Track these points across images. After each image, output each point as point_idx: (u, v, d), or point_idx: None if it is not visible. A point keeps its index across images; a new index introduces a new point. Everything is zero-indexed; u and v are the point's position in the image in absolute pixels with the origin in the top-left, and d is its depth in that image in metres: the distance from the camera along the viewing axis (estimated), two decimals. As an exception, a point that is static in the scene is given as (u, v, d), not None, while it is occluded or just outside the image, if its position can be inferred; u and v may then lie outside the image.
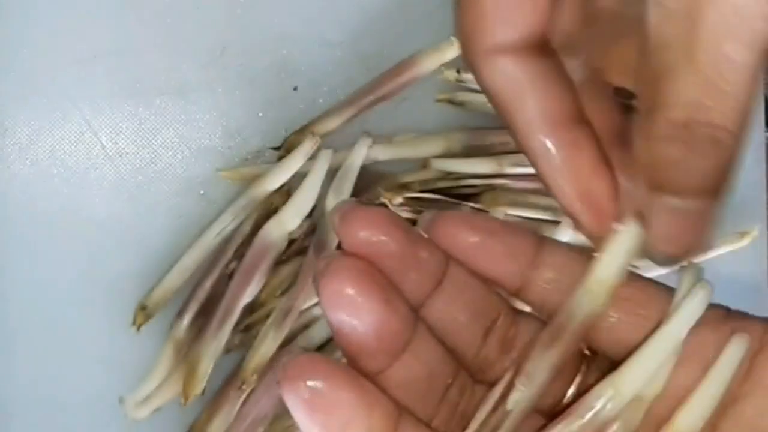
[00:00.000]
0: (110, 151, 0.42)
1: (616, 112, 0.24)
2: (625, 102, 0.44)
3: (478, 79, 0.24)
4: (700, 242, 0.22)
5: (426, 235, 0.24)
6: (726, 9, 0.19)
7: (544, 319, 0.24)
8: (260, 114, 0.43)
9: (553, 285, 0.24)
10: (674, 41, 0.20)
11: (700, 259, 0.43)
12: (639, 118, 0.21)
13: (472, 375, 0.24)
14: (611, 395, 0.22)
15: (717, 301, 0.46)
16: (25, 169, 0.41)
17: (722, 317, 0.24)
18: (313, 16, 0.43)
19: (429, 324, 0.24)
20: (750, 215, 0.47)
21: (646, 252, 0.23)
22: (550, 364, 0.23)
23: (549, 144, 0.24)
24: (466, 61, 0.24)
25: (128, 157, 0.42)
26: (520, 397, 0.23)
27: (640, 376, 0.23)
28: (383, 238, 0.22)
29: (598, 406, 0.22)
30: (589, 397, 0.23)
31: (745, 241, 0.44)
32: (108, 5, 0.41)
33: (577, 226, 0.24)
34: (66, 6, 0.41)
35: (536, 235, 0.24)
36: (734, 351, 0.23)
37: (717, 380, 0.23)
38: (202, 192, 0.43)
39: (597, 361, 0.25)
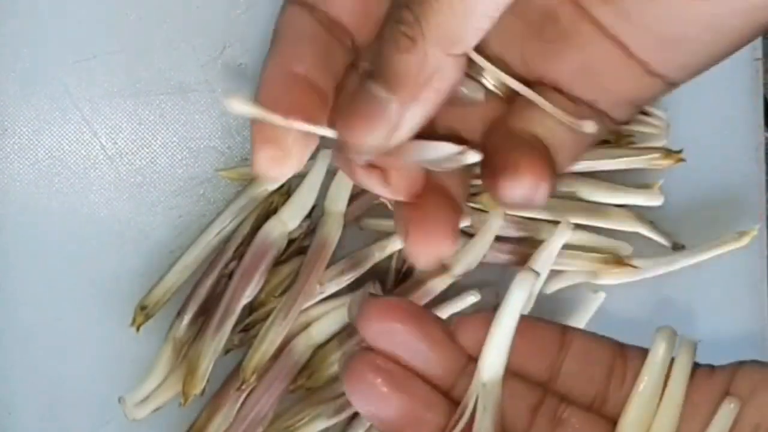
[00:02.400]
0: (110, 150, 0.42)
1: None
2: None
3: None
4: (370, 132, 0.23)
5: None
6: None
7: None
8: (260, 114, 0.43)
9: (579, 375, 0.25)
10: None
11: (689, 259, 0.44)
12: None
13: None
14: None
15: (716, 300, 0.46)
16: (25, 169, 0.41)
17: (707, 374, 0.25)
18: (313, 16, 0.43)
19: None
20: (750, 215, 0.47)
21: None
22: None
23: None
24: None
25: (128, 156, 0.42)
26: None
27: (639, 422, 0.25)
28: (401, 328, 0.24)
29: None
30: None
31: (744, 241, 0.44)
32: (108, 5, 0.41)
33: None
34: (66, 6, 0.41)
35: (559, 327, 0.26)
36: (725, 414, 0.24)
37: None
38: (201, 192, 0.43)
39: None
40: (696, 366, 0.25)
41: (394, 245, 0.42)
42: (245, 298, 0.40)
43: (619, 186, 0.43)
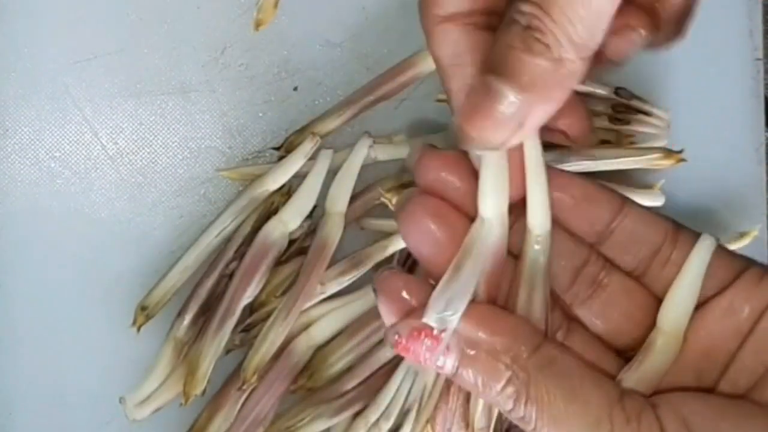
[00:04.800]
0: (111, 151, 0.42)
1: None
2: (625, 102, 0.44)
3: (429, 45, 0.27)
4: (496, 130, 0.24)
5: None
6: None
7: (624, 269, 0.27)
8: (260, 114, 0.43)
9: (626, 245, 0.27)
10: None
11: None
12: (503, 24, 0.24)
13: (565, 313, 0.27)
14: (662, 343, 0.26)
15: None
16: (26, 169, 0.41)
17: (759, 276, 0.27)
18: (313, 16, 0.43)
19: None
20: (750, 215, 0.47)
21: (458, 131, 0.25)
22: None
23: None
24: (423, 30, 0.27)
25: (129, 156, 0.42)
26: None
27: (681, 314, 0.26)
28: (452, 178, 0.26)
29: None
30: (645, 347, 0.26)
31: (745, 241, 0.44)
32: (108, 5, 0.41)
33: None
34: (66, 6, 0.41)
35: (620, 197, 0.28)
36: (703, 248, 0.26)
37: (692, 276, 0.26)
38: (202, 192, 0.43)
39: None
40: (749, 263, 0.27)
41: (395, 245, 0.42)
42: (246, 299, 0.40)
43: (620, 186, 0.43)
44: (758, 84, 0.47)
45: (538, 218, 0.26)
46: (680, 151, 0.43)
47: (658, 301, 0.27)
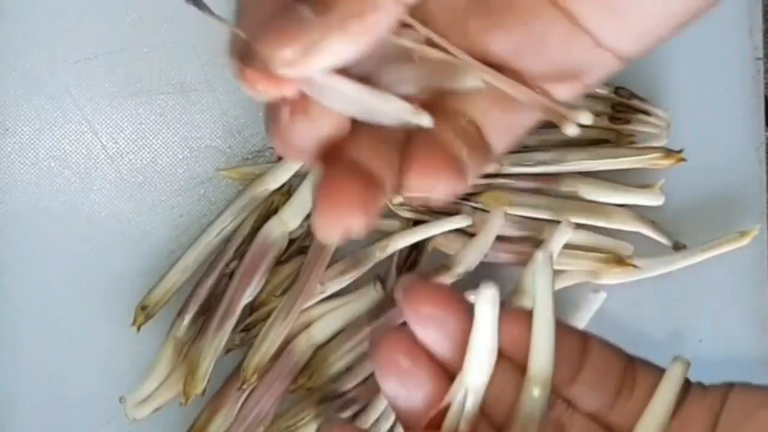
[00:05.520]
0: (111, 150, 0.42)
1: None
2: (625, 102, 0.44)
3: None
4: (279, 38, 0.22)
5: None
6: None
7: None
8: (261, 113, 0.43)
9: (594, 384, 0.26)
10: None
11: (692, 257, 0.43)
12: None
13: None
14: None
15: (717, 299, 0.46)
16: (26, 169, 0.41)
17: (700, 394, 0.26)
18: (314, 16, 0.43)
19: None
20: (750, 215, 0.47)
21: None
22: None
23: None
24: None
25: (129, 156, 0.42)
26: None
27: None
28: (445, 314, 0.25)
29: None
30: None
31: (745, 241, 0.44)
32: (108, 5, 0.41)
33: None
34: (67, 6, 0.41)
35: (580, 335, 0.26)
36: (672, 380, 0.25)
37: (659, 409, 0.25)
38: (202, 191, 0.43)
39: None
40: (688, 383, 0.26)
41: (395, 245, 0.42)
42: (246, 298, 0.40)
43: (620, 186, 0.43)
44: (758, 84, 0.47)
45: (542, 361, 0.25)
46: (680, 151, 0.43)
47: None
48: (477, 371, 0.25)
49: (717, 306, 0.46)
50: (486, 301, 0.24)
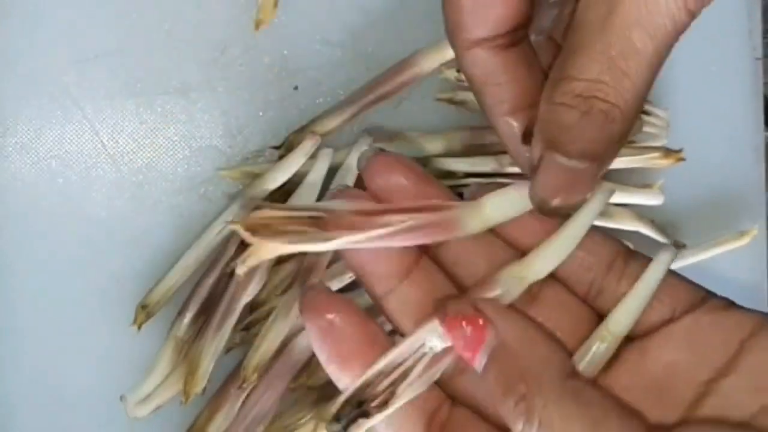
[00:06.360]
0: (111, 150, 0.42)
1: None
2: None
3: (461, 66, 0.27)
4: (576, 197, 0.26)
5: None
6: (639, 1, 0.23)
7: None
8: (261, 113, 0.43)
9: (580, 262, 0.27)
10: (591, 22, 0.23)
11: (697, 256, 0.44)
12: (548, 85, 0.25)
13: None
14: (606, 336, 0.26)
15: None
16: (26, 168, 0.41)
17: (723, 307, 0.26)
18: (313, 16, 0.43)
19: (441, 260, 0.28)
20: (750, 215, 0.47)
21: (532, 199, 0.26)
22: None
23: (511, 124, 0.27)
24: (454, 52, 0.27)
25: (129, 156, 0.42)
26: None
27: (628, 319, 0.26)
28: (405, 184, 0.27)
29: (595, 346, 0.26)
30: (591, 340, 0.26)
31: (745, 241, 0.44)
32: (109, 5, 0.42)
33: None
34: (67, 6, 0.41)
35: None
36: (662, 260, 0.26)
37: (645, 284, 0.26)
38: (202, 191, 0.43)
39: None
40: (711, 295, 0.27)
41: (395, 244, 0.42)
42: (246, 297, 0.40)
43: (620, 185, 0.43)
44: (758, 84, 0.47)
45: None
46: (679, 151, 0.43)
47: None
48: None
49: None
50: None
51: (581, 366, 0.26)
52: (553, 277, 0.27)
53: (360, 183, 0.28)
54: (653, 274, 0.26)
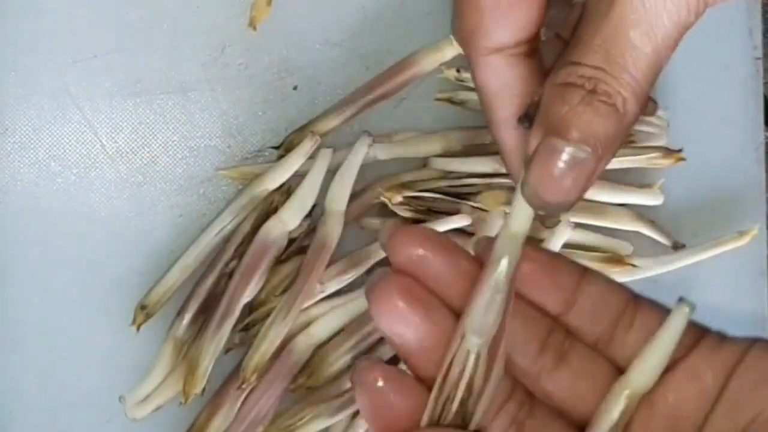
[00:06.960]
0: (110, 150, 0.42)
1: None
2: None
3: (473, 74, 0.26)
4: (570, 194, 0.24)
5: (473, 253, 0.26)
6: (636, 1, 0.23)
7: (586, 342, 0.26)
8: (260, 113, 0.43)
9: (590, 313, 0.26)
10: (594, 16, 0.23)
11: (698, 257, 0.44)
12: (552, 72, 0.24)
13: (529, 387, 0.26)
14: (627, 394, 0.25)
15: (716, 299, 0.46)
16: (26, 168, 0.41)
17: (716, 344, 0.26)
18: (313, 16, 0.43)
19: None
20: (750, 215, 0.47)
21: (524, 193, 0.25)
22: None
23: (516, 140, 0.27)
24: (467, 58, 0.26)
25: (128, 156, 0.42)
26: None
27: (648, 375, 0.25)
28: (428, 254, 0.25)
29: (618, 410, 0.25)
30: (608, 399, 0.25)
31: (745, 241, 0.44)
32: (108, 5, 0.41)
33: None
34: (66, 5, 0.41)
35: (580, 267, 0.26)
36: (678, 317, 0.25)
37: (665, 342, 0.25)
38: (201, 191, 0.43)
39: None
40: (705, 330, 0.26)
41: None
42: (245, 298, 0.40)
43: (620, 185, 0.43)
44: (758, 83, 0.47)
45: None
46: (679, 150, 0.43)
47: (620, 371, 0.26)
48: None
49: (716, 306, 0.46)
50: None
51: (605, 429, 0.25)
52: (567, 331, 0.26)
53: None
54: (669, 336, 0.25)
